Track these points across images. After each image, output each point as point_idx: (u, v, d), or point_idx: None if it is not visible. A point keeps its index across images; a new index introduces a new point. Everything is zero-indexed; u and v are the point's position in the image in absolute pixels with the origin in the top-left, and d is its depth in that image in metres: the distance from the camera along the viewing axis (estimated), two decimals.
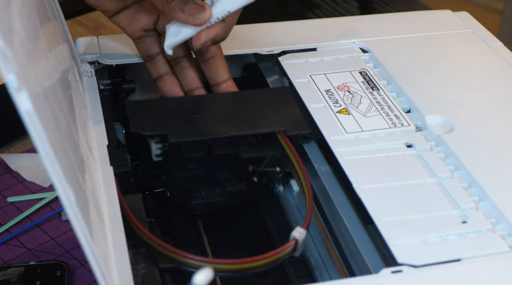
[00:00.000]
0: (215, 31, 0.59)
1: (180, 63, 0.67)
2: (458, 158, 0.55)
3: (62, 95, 0.51)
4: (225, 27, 0.60)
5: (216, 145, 0.60)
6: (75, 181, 0.43)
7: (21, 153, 0.79)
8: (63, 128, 0.46)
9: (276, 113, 0.62)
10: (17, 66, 0.36)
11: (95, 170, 0.53)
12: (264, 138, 0.61)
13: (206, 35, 0.59)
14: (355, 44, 0.72)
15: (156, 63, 0.67)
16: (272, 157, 0.61)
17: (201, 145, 0.60)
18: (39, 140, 0.37)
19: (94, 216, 0.45)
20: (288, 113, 0.62)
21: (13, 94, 0.36)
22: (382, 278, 0.46)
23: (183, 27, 0.60)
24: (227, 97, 0.66)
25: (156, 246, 0.50)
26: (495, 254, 0.48)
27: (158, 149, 0.60)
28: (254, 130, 0.60)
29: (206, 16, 0.58)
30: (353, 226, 0.53)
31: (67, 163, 0.43)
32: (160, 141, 0.60)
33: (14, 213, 0.71)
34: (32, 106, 0.36)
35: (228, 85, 0.66)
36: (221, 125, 0.60)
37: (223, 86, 0.66)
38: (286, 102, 0.63)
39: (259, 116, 0.62)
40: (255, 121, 0.61)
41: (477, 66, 0.70)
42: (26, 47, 0.42)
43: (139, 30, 0.66)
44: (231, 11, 0.59)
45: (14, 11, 0.41)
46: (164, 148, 0.60)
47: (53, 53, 0.55)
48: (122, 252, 0.47)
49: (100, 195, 0.51)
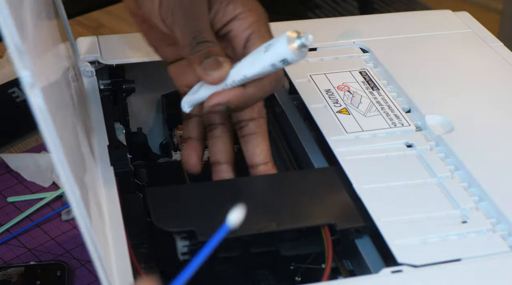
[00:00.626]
0: (230, 95, 0.53)
1: (214, 131, 0.60)
2: (458, 158, 0.55)
3: (64, 94, 0.51)
4: (242, 95, 0.53)
5: (254, 242, 0.51)
6: (79, 179, 0.43)
7: (21, 153, 0.79)
8: (69, 126, 0.46)
9: (322, 200, 0.54)
10: (31, 62, 0.36)
11: (95, 170, 0.53)
12: (308, 232, 0.52)
13: (218, 98, 0.53)
14: (355, 44, 0.72)
15: (189, 124, 0.61)
16: (318, 253, 0.52)
17: (236, 242, 0.51)
18: (49, 136, 0.37)
19: (95, 215, 0.45)
20: (336, 200, 0.54)
21: (27, 90, 0.36)
22: (382, 278, 0.46)
23: (203, 85, 0.54)
24: (263, 181, 0.58)
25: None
26: (495, 254, 0.48)
27: (185, 247, 0.51)
28: (297, 224, 0.52)
29: (220, 74, 0.52)
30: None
31: (73, 160, 0.43)
32: (187, 238, 0.51)
33: (14, 213, 0.71)
34: (43, 102, 0.36)
35: (266, 168, 0.59)
36: (259, 218, 0.52)
37: (259, 169, 0.59)
38: (332, 186, 0.55)
39: (302, 204, 0.54)
40: (298, 211, 0.53)
41: (477, 66, 0.70)
42: (37, 44, 0.42)
43: (184, 86, 0.59)
44: (248, 76, 0.52)
45: (26, 7, 0.41)
46: (192, 247, 0.51)
47: (56, 51, 0.55)
48: (122, 251, 0.47)
49: (100, 195, 0.51)
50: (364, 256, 0.51)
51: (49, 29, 0.54)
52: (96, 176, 0.53)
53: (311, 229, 0.52)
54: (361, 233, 0.52)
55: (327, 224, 0.51)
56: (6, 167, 0.77)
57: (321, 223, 0.51)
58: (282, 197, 0.54)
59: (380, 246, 0.50)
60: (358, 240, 0.52)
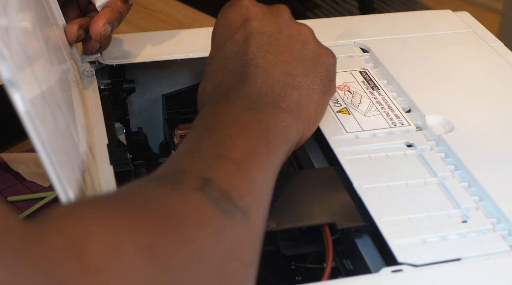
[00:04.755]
0: None
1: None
2: (459, 157, 0.55)
3: (62, 95, 0.51)
4: None
5: None
6: (74, 180, 0.43)
7: (21, 153, 0.79)
8: (62, 128, 0.46)
9: (322, 199, 0.54)
10: (15, 66, 0.37)
11: (95, 169, 0.53)
12: (309, 231, 0.53)
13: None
14: (355, 44, 0.73)
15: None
16: (318, 252, 0.53)
17: None
18: (37, 139, 0.37)
19: None
20: (336, 200, 0.54)
21: (11, 94, 0.36)
22: (382, 277, 0.46)
23: None
24: None
25: None
26: (495, 254, 0.48)
27: None
28: (297, 223, 0.52)
29: None
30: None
31: (66, 162, 0.43)
32: None
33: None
34: (30, 106, 0.37)
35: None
36: None
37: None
38: (332, 185, 0.55)
39: (303, 204, 0.53)
40: (298, 210, 0.53)
41: (477, 66, 0.70)
42: (24, 47, 0.42)
43: None
44: None
45: (11, 11, 0.41)
46: None
47: (53, 53, 0.55)
48: None
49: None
50: (364, 256, 0.51)
51: (44, 30, 0.54)
52: (96, 176, 0.53)
53: (312, 228, 0.52)
54: (361, 233, 0.52)
55: (327, 223, 0.51)
56: (6, 167, 0.77)
57: (322, 222, 0.51)
58: (283, 197, 0.54)
59: (380, 245, 0.50)
60: (358, 239, 0.52)
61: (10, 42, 0.38)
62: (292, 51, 0.55)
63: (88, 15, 0.68)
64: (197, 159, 0.47)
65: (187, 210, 0.41)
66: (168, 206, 0.41)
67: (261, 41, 0.55)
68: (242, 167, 0.47)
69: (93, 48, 0.67)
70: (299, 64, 0.55)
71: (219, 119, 0.51)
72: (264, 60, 0.54)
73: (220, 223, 0.42)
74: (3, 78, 0.36)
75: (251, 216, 0.44)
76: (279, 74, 0.54)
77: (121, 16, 0.66)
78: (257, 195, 0.46)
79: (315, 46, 0.56)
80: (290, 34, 0.56)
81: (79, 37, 0.65)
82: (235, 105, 0.52)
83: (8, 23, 0.40)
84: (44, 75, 0.46)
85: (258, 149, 0.49)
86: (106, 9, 0.66)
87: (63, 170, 0.40)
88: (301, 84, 0.55)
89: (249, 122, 0.51)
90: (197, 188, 0.43)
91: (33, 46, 0.47)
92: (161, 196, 0.42)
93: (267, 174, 0.49)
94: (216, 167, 0.46)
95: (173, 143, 0.70)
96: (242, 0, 0.57)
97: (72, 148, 0.47)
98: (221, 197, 0.43)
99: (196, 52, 0.70)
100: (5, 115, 0.78)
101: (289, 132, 0.52)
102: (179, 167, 0.46)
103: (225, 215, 0.42)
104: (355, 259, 0.52)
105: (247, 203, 0.44)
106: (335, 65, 0.57)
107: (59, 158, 0.40)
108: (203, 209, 0.42)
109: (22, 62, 0.40)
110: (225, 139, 0.49)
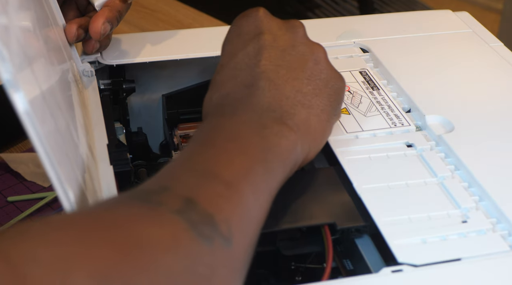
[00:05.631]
0: None
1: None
2: (459, 157, 0.55)
3: (62, 95, 0.51)
4: None
5: None
6: (74, 180, 0.43)
7: (21, 153, 0.79)
8: (62, 128, 0.46)
9: (322, 200, 0.54)
10: (15, 66, 0.37)
11: (95, 169, 0.53)
12: (309, 231, 0.53)
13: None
14: (355, 44, 0.72)
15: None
16: (318, 252, 0.53)
17: None
18: (36, 139, 0.37)
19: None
20: (336, 200, 0.54)
21: (10, 95, 0.36)
22: (382, 277, 0.46)
23: None
24: None
25: None
26: (495, 254, 0.48)
27: None
28: (297, 223, 0.52)
29: None
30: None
31: (66, 162, 0.43)
32: None
33: (14, 213, 0.71)
34: (29, 106, 0.37)
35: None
36: None
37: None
38: (332, 185, 0.55)
39: (303, 204, 0.53)
40: (298, 210, 0.53)
41: (477, 66, 0.70)
42: (24, 47, 0.42)
43: None
44: None
45: (10, 11, 0.41)
46: None
47: (53, 53, 0.55)
48: None
49: (100, 194, 0.51)
50: (364, 256, 0.51)
51: (44, 30, 0.54)
52: (96, 176, 0.53)
53: (312, 228, 0.52)
54: (361, 233, 0.52)
55: (327, 223, 0.51)
56: (6, 167, 0.77)
57: (322, 222, 0.51)
58: (283, 196, 0.53)
59: (380, 245, 0.50)
60: (358, 239, 0.52)
61: (9, 42, 0.38)
62: (304, 69, 0.53)
63: (87, 15, 0.68)
64: (186, 175, 0.44)
65: (158, 234, 0.38)
66: (136, 229, 0.38)
67: (274, 55, 0.53)
68: (233, 188, 0.44)
69: (93, 47, 0.67)
70: (310, 82, 0.53)
71: (219, 132, 0.49)
72: (276, 74, 0.52)
73: (194, 249, 0.39)
74: (3, 78, 0.36)
75: (234, 242, 0.41)
76: (290, 90, 0.52)
77: (120, 15, 0.66)
78: (245, 220, 0.43)
79: (327, 67, 0.55)
80: (303, 51, 0.54)
81: (79, 37, 0.65)
82: (239, 118, 0.50)
83: (8, 22, 0.40)
84: (44, 75, 0.46)
85: (254, 168, 0.46)
86: (105, 8, 0.66)
87: (63, 170, 0.40)
88: (311, 103, 0.53)
89: (250, 138, 0.49)
90: (176, 210, 0.40)
91: (33, 46, 0.47)
92: (133, 217, 0.39)
93: (260, 196, 0.46)
94: (203, 186, 0.43)
95: (173, 143, 0.70)
96: (257, 11, 0.55)
97: (72, 148, 0.47)
98: (201, 220, 0.40)
99: (196, 52, 0.70)
100: (5, 115, 0.78)
101: (292, 151, 0.50)
102: (164, 184, 0.43)
103: (202, 240, 0.39)
104: (355, 259, 0.52)
105: (231, 228, 0.41)
106: (344, 90, 0.56)
107: (59, 158, 0.40)
108: (177, 233, 0.39)
109: (21, 62, 0.40)
110: (221, 154, 0.46)
